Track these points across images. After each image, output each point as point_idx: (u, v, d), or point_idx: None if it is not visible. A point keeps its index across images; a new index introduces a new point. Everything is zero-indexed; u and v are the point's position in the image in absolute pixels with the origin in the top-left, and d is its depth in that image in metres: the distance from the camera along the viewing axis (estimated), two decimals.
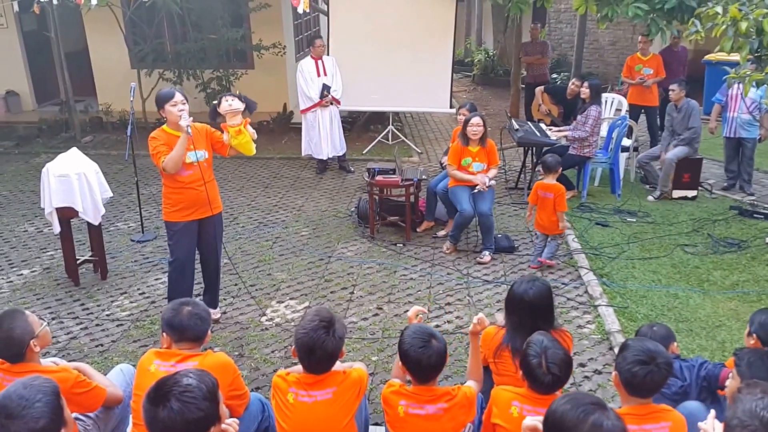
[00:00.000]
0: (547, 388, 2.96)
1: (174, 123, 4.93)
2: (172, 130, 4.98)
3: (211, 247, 5.42)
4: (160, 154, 4.91)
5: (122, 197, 8.68)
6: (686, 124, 8.21)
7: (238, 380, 3.33)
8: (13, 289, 6.25)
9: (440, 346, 3.12)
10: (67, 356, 5.04)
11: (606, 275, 6.29)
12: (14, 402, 2.37)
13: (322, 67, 9.42)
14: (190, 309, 3.30)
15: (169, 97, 4.91)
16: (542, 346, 3.00)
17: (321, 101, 9.35)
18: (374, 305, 5.85)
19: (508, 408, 3.02)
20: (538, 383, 2.97)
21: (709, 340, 5.15)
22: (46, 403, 2.40)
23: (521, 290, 3.66)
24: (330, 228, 7.64)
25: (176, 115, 4.88)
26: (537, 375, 2.96)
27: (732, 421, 2.14)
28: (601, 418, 2.18)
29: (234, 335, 5.40)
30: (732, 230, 7.28)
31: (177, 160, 4.91)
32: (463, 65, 18.95)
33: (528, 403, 2.99)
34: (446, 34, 10.35)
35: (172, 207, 5.15)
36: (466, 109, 7.40)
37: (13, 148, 11.18)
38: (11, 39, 12.92)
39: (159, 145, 4.94)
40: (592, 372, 4.82)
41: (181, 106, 4.90)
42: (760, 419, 2.07)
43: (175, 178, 5.01)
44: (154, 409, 2.34)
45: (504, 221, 7.76)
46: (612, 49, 16.01)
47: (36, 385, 2.45)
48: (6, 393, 2.43)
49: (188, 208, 5.14)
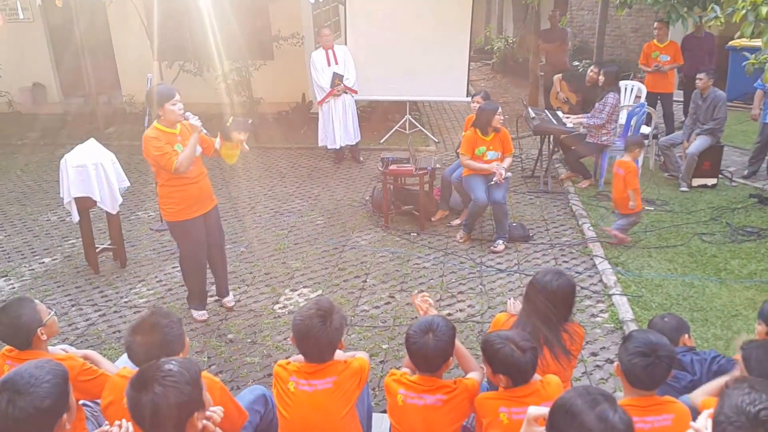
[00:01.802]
0: (526, 373, 2.96)
1: (171, 121, 4.89)
2: (167, 128, 4.92)
3: (216, 238, 5.45)
4: (169, 155, 4.83)
5: (143, 186, 8.80)
6: (711, 114, 8.08)
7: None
8: (35, 276, 6.38)
9: (439, 340, 3.07)
10: (85, 342, 5.17)
11: (621, 264, 6.26)
12: (24, 379, 2.43)
13: (332, 56, 9.44)
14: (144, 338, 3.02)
15: (170, 96, 4.85)
16: (504, 336, 3.00)
17: (332, 90, 9.37)
18: (386, 294, 5.88)
19: (496, 416, 2.99)
20: (519, 369, 2.95)
21: (725, 329, 5.11)
22: (54, 384, 2.45)
23: (545, 280, 3.51)
24: (345, 217, 7.68)
25: (177, 114, 4.86)
26: (516, 361, 2.93)
27: (719, 417, 2.11)
28: (608, 410, 2.16)
29: (247, 322, 5.47)
30: (751, 218, 7.19)
31: (191, 159, 4.91)
32: (482, 53, 18.81)
33: (515, 405, 2.95)
34: (464, 22, 10.31)
35: (177, 206, 5.08)
36: (480, 97, 7.39)
37: (39, 140, 11.37)
38: (37, 32, 13.12)
39: (164, 145, 4.85)
40: (604, 361, 4.81)
41: (180, 105, 4.88)
42: (746, 414, 2.04)
43: (178, 175, 4.96)
44: (137, 394, 2.36)
45: (520, 210, 7.74)
46: (634, 36, 15.77)
47: (47, 367, 2.51)
48: (18, 370, 2.50)
49: (194, 204, 5.12)
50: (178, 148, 4.91)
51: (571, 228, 7.21)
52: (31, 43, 13.03)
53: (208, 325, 5.43)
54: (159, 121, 4.92)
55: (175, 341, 3.01)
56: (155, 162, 4.91)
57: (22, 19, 11.84)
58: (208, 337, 5.25)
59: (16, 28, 12.43)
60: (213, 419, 2.61)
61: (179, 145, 4.93)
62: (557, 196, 8.18)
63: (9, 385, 2.42)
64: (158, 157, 4.84)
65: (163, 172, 4.96)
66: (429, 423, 3.11)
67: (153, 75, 7.36)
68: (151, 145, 4.84)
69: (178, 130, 4.97)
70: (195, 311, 5.52)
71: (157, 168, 5.01)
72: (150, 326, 2.99)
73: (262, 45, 11.95)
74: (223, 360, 4.95)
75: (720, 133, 8.14)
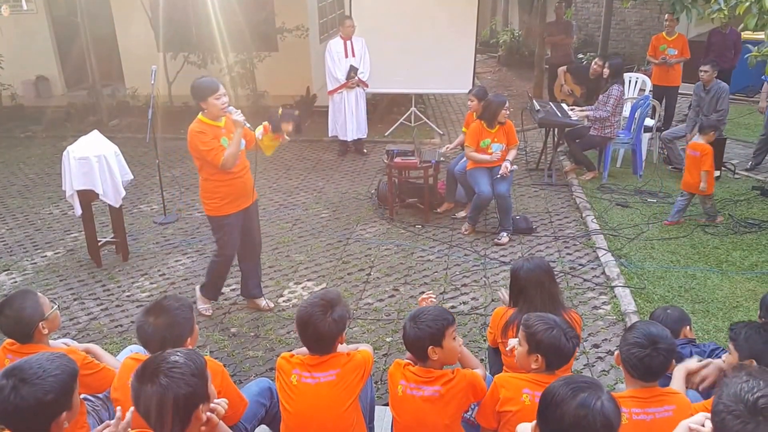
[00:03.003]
0: (566, 359, 2.98)
1: (215, 114, 4.78)
2: (212, 121, 4.82)
3: (254, 235, 5.37)
4: (216, 151, 4.75)
5: (146, 179, 8.81)
6: (714, 106, 8.09)
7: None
8: (37, 270, 6.40)
9: (421, 326, 3.09)
10: (87, 336, 5.18)
11: (624, 256, 6.27)
12: (32, 369, 2.43)
13: (350, 48, 9.43)
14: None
15: (214, 89, 4.72)
16: (552, 320, 3.01)
17: (347, 82, 9.35)
18: (390, 287, 5.89)
19: (519, 395, 2.99)
20: (560, 354, 2.96)
21: (726, 321, 5.11)
22: (60, 380, 2.45)
23: (516, 266, 3.72)
24: (349, 210, 7.68)
25: (221, 109, 4.74)
26: (560, 345, 2.94)
27: (717, 406, 2.11)
28: (590, 397, 2.16)
29: (250, 316, 5.48)
30: (753, 210, 7.21)
31: (237, 155, 4.83)
32: (488, 46, 18.79)
33: (540, 389, 2.85)
34: (470, 14, 10.30)
35: (221, 200, 5.00)
36: (473, 95, 7.38)
37: (42, 132, 11.38)
38: (41, 24, 13.13)
39: (210, 140, 4.76)
40: (606, 353, 4.82)
41: (224, 99, 4.75)
42: (745, 402, 2.03)
43: (225, 170, 4.87)
44: (142, 386, 2.35)
45: (524, 202, 7.74)
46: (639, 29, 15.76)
47: (58, 362, 2.51)
48: (30, 358, 2.51)
49: (237, 198, 5.05)
50: (224, 141, 4.83)
51: (574, 220, 7.21)
52: (35, 36, 13.02)
53: (212, 319, 5.44)
54: (204, 114, 4.83)
55: (184, 324, 3.05)
56: (201, 157, 4.84)
57: (26, 11, 11.83)
58: (211, 331, 5.25)
59: (20, 20, 12.42)
60: (217, 411, 2.60)
61: (225, 138, 4.84)
62: (561, 189, 8.18)
63: (17, 372, 2.42)
64: (205, 153, 4.77)
65: (208, 166, 4.89)
66: (427, 414, 3.11)
67: (157, 67, 7.36)
68: (198, 139, 4.76)
69: (223, 122, 4.87)
70: (202, 305, 5.49)
71: (201, 162, 4.91)
72: (160, 308, 3.04)
73: (267, 37, 11.94)
74: (226, 354, 4.96)
75: (723, 125, 8.11)
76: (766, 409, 2.01)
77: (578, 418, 2.13)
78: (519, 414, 2.96)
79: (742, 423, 2.02)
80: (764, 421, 2.00)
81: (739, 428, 2.02)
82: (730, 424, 2.04)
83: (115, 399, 3.11)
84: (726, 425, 2.06)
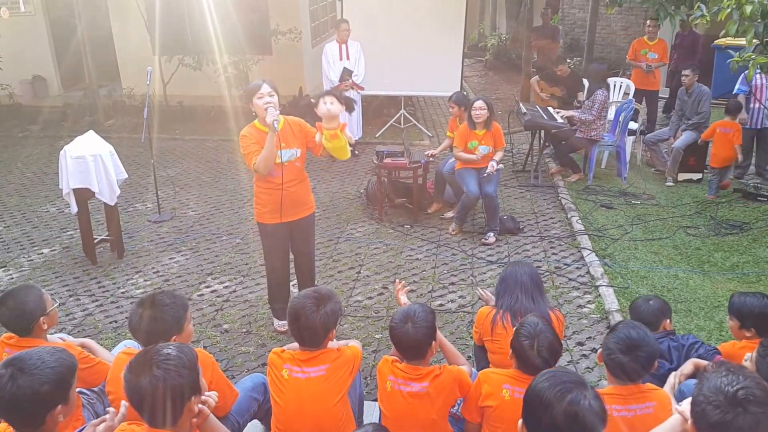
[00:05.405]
0: (536, 371, 2.95)
1: (262, 116, 4.53)
2: (263, 126, 4.58)
3: (302, 251, 5.17)
4: (251, 155, 4.54)
5: (141, 179, 8.91)
6: (696, 108, 8.28)
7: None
8: (33, 267, 6.50)
9: (419, 327, 3.16)
10: (83, 332, 5.28)
11: (608, 256, 6.41)
12: (32, 359, 2.50)
13: (345, 51, 9.57)
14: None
15: (255, 89, 4.52)
16: (536, 329, 3.05)
17: (341, 84, 9.48)
18: (380, 285, 6.01)
19: (499, 391, 3.07)
20: (528, 365, 3.02)
21: (707, 320, 5.25)
22: (57, 373, 2.51)
23: (505, 270, 3.89)
24: (340, 209, 7.81)
25: (263, 109, 4.46)
26: (528, 356, 3.01)
27: (698, 398, 2.19)
28: (578, 397, 2.20)
29: (242, 312, 5.59)
30: (735, 212, 7.37)
31: (268, 160, 4.51)
32: (476, 50, 18.94)
33: (519, 385, 3.02)
34: (458, 18, 10.47)
35: (262, 207, 4.85)
36: (453, 102, 7.53)
37: (39, 132, 11.46)
38: (38, 25, 13.21)
39: (250, 144, 4.57)
40: (590, 351, 4.93)
41: (267, 99, 4.47)
42: (725, 394, 2.12)
43: (266, 178, 4.68)
44: (136, 378, 2.40)
45: (510, 203, 7.88)
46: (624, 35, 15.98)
47: (58, 355, 2.57)
48: (31, 350, 2.58)
49: (277, 210, 4.75)
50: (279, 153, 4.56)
51: (560, 221, 7.36)
52: (32, 36, 13.11)
53: (204, 315, 5.54)
54: (257, 119, 4.65)
55: (171, 321, 3.10)
56: (245, 160, 4.68)
57: (24, 12, 11.93)
58: (203, 327, 5.35)
59: (18, 21, 12.53)
60: (208, 403, 2.68)
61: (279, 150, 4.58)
62: (547, 190, 8.33)
63: (16, 362, 2.49)
64: (243, 156, 4.65)
65: (256, 173, 4.72)
66: (415, 409, 3.18)
67: (152, 68, 7.48)
68: (241, 142, 4.63)
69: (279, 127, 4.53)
70: (276, 320, 5.33)
71: None
72: (152, 301, 3.13)
73: (261, 39, 12.04)
74: (218, 350, 5.05)
75: (705, 128, 8.28)
76: (745, 401, 2.10)
77: (568, 419, 2.18)
78: (499, 409, 3.06)
79: (722, 413, 2.11)
80: (743, 412, 2.09)
81: (718, 418, 2.12)
82: (710, 414, 2.13)
83: (109, 392, 3.20)
84: (706, 415, 2.15)
